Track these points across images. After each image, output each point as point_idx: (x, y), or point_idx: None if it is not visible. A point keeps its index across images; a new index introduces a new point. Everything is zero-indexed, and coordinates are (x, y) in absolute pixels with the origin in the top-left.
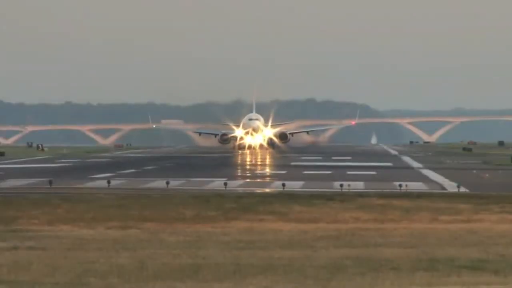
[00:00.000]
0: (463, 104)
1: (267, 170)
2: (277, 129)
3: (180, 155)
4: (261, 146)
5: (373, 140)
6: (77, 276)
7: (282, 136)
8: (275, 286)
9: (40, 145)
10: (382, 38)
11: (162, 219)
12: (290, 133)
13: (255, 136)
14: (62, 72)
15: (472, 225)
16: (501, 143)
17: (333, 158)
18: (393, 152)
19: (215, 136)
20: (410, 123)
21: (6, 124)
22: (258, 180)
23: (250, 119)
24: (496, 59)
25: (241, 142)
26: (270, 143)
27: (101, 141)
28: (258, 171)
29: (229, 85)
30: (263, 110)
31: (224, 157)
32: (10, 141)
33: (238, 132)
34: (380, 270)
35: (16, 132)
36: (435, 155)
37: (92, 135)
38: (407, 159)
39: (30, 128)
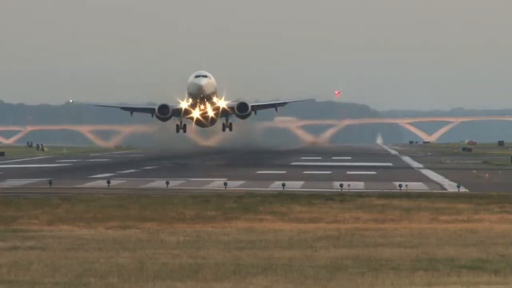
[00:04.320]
0: (463, 104)
1: None
2: (234, 100)
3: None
4: (212, 121)
5: (378, 140)
6: (77, 276)
7: (241, 108)
8: (275, 286)
9: (40, 145)
10: (382, 38)
11: (162, 219)
12: (253, 105)
13: (207, 108)
14: (62, 73)
15: (472, 225)
16: (501, 143)
17: (333, 158)
18: (393, 152)
19: (152, 115)
20: (410, 123)
21: (7, 124)
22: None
23: (197, 76)
24: (496, 59)
25: (189, 116)
26: (226, 124)
27: (101, 143)
28: None
29: (229, 86)
30: (263, 109)
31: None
32: (10, 141)
33: (183, 104)
34: (380, 270)
35: (16, 132)
36: (435, 155)
37: (91, 136)
38: (407, 159)
39: (30, 128)
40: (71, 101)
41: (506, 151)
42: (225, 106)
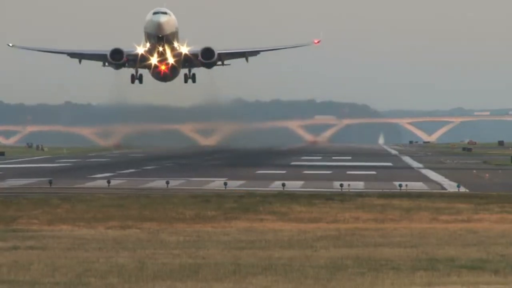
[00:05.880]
0: (463, 104)
1: None
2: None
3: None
4: (172, 70)
5: (380, 140)
6: (77, 276)
7: (206, 54)
8: (275, 286)
9: (40, 145)
10: (382, 38)
11: (162, 219)
12: (219, 53)
13: (167, 53)
14: (61, 72)
15: (472, 225)
16: (501, 143)
17: (333, 158)
18: (393, 152)
19: (104, 64)
20: (410, 123)
21: (6, 124)
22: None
23: (156, 13)
24: (496, 59)
25: (147, 63)
26: (189, 75)
27: (101, 142)
28: None
29: (229, 85)
30: (263, 109)
31: None
32: (10, 141)
33: (140, 49)
34: (380, 270)
35: (15, 132)
36: (435, 155)
37: (91, 136)
38: (407, 159)
39: (30, 129)
40: (10, 45)
41: (506, 151)
42: (188, 53)
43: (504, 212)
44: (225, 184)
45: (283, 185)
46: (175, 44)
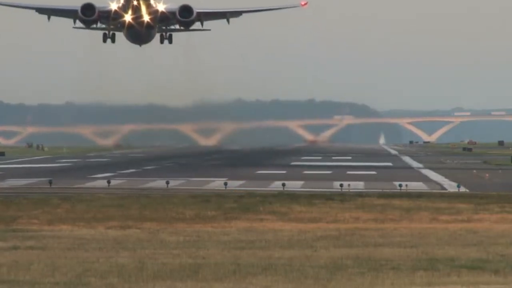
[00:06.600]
0: (463, 104)
1: None
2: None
3: None
4: (147, 29)
5: (381, 140)
6: (77, 276)
7: (184, 12)
8: (275, 286)
9: (40, 145)
10: (382, 38)
11: (162, 219)
12: (199, 12)
13: (142, 10)
14: (61, 73)
15: (472, 225)
16: (501, 143)
17: (333, 158)
18: (393, 152)
19: (75, 21)
20: (410, 123)
21: (6, 124)
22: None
23: None
24: (496, 59)
25: (120, 21)
26: (165, 36)
27: (100, 141)
28: None
29: (229, 85)
30: (263, 109)
31: None
32: (11, 141)
33: (113, 5)
34: (380, 270)
35: (16, 133)
36: (435, 155)
37: (91, 136)
38: (407, 159)
39: (30, 129)
40: None
41: (506, 151)
42: (164, 10)
43: (504, 212)
44: (225, 184)
45: (283, 185)
46: (151, 1)
